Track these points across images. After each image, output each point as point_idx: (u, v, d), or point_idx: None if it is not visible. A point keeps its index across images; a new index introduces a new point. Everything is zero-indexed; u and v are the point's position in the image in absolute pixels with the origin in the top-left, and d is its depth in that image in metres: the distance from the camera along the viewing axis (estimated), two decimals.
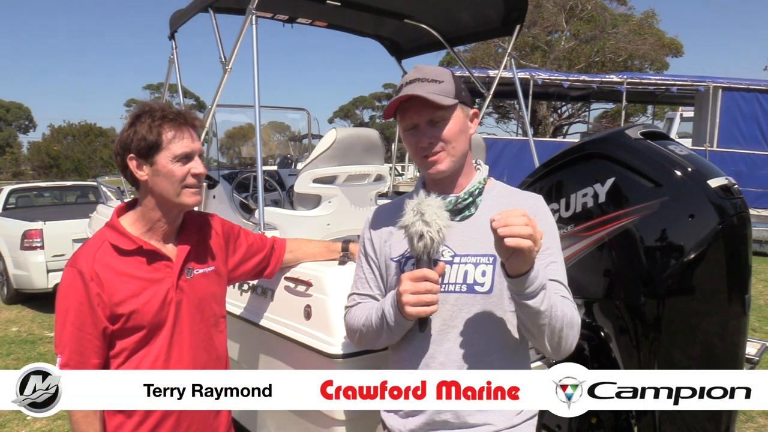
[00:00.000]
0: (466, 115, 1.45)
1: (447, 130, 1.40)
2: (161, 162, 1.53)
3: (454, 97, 1.41)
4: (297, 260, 2.11)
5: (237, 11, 3.37)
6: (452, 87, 1.42)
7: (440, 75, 1.43)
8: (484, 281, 1.38)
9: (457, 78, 1.46)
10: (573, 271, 1.99)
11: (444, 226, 1.31)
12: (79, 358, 1.49)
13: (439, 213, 1.32)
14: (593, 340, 2.05)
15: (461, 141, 1.44)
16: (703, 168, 1.80)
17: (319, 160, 3.19)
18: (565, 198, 1.99)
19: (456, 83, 1.43)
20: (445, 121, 1.41)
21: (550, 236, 1.40)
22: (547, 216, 1.46)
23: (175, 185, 1.54)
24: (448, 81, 1.42)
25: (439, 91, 1.39)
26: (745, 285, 1.76)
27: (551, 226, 1.44)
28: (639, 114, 27.35)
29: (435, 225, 1.30)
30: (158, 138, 1.51)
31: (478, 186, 1.47)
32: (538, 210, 1.44)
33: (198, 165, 1.57)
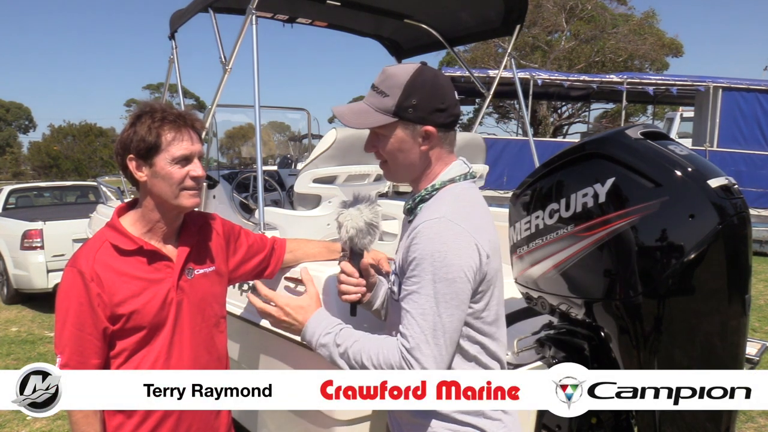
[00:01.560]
0: (410, 133, 1.37)
1: (381, 145, 1.42)
2: (160, 164, 1.52)
3: (393, 115, 1.35)
4: (297, 260, 2.11)
5: (237, 11, 3.37)
6: (393, 103, 1.34)
7: (390, 87, 1.36)
8: (395, 289, 1.41)
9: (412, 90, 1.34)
10: (573, 271, 2.00)
11: (352, 227, 1.47)
12: (79, 359, 1.49)
13: (354, 214, 1.47)
14: (593, 340, 2.05)
15: (399, 159, 1.41)
16: (703, 168, 1.79)
17: (319, 160, 3.20)
18: (565, 198, 1.99)
19: (403, 98, 1.34)
20: (384, 136, 1.41)
21: (422, 262, 1.26)
22: (425, 238, 1.28)
23: (173, 187, 1.54)
24: (393, 95, 1.34)
25: (376, 106, 1.38)
26: (745, 285, 1.76)
27: (425, 253, 1.26)
28: (639, 114, 27.35)
29: (344, 226, 1.48)
30: (157, 140, 1.51)
31: (423, 194, 1.43)
32: (419, 231, 1.30)
33: (197, 168, 1.57)
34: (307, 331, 1.45)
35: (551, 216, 2.03)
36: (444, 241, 1.26)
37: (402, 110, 1.35)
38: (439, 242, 1.26)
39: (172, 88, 4.11)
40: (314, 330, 1.43)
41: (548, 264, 2.05)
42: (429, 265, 1.25)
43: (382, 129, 1.40)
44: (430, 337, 1.24)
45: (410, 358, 1.25)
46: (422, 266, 1.26)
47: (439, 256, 1.25)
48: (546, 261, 2.05)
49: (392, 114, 1.36)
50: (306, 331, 1.45)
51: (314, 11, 3.64)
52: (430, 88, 1.36)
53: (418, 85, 1.35)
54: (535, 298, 2.18)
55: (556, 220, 2.01)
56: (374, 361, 1.29)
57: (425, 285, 1.25)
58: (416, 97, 1.34)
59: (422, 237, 1.28)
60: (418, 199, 1.43)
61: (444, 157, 1.44)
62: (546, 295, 2.16)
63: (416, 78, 1.35)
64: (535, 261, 2.03)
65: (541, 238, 2.04)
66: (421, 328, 1.24)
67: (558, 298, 2.12)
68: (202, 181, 1.61)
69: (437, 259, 1.25)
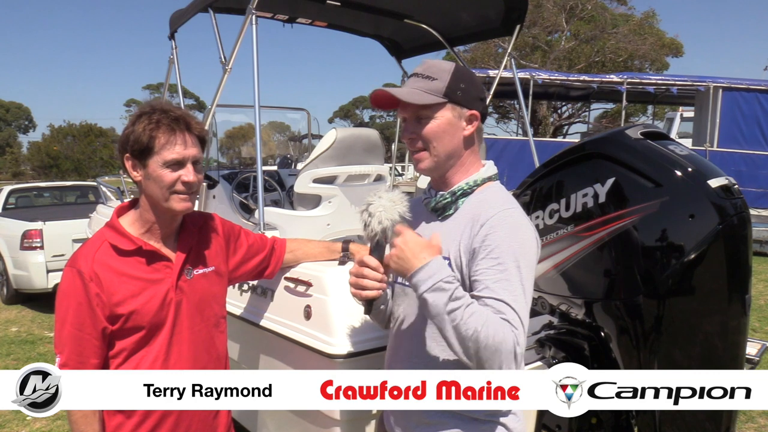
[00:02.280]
0: (457, 116, 1.42)
1: (427, 128, 1.42)
2: (152, 166, 1.52)
3: (443, 96, 1.39)
4: (297, 260, 2.11)
5: (237, 11, 3.37)
6: (443, 85, 1.40)
7: (437, 72, 1.42)
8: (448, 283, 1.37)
9: (459, 76, 1.42)
10: (573, 271, 2.00)
11: (386, 218, 1.39)
12: (78, 358, 1.49)
13: (388, 206, 1.40)
14: (593, 340, 2.05)
15: (444, 141, 1.42)
16: (704, 168, 1.79)
17: (319, 160, 3.19)
18: (565, 198, 1.99)
19: (452, 81, 1.41)
20: (428, 119, 1.41)
21: (506, 250, 1.29)
22: (507, 227, 1.32)
23: (164, 190, 1.52)
24: (442, 79, 1.40)
25: (425, 89, 1.40)
26: (745, 285, 1.76)
27: (511, 239, 1.31)
28: (639, 114, 27.34)
29: (377, 216, 1.40)
30: (150, 142, 1.50)
31: (464, 187, 1.44)
32: (498, 221, 1.33)
33: (189, 173, 1.53)
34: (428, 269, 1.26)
35: (551, 216, 2.03)
36: (524, 231, 1.35)
37: (452, 92, 1.40)
38: (521, 231, 1.34)
39: (172, 88, 4.11)
40: (437, 269, 1.26)
41: (548, 264, 2.05)
42: (513, 252, 1.30)
43: (429, 110, 1.41)
44: (524, 322, 1.28)
45: (519, 344, 1.23)
46: (508, 254, 1.29)
47: (522, 243, 1.32)
48: (546, 261, 2.06)
49: (442, 95, 1.40)
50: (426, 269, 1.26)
51: (314, 11, 3.64)
52: (473, 78, 1.46)
53: (464, 73, 1.44)
54: (535, 298, 2.18)
55: (556, 220, 2.01)
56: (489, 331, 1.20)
57: (511, 270, 1.28)
58: (464, 83, 1.42)
59: (504, 225, 1.32)
60: (459, 193, 1.44)
61: (477, 151, 1.49)
62: (546, 295, 2.17)
63: (461, 67, 1.46)
64: None
65: (542, 238, 2.04)
66: (517, 312, 1.26)
67: (558, 298, 2.12)
68: (195, 186, 1.57)
69: (521, 245, 1.31)
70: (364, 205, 1.45)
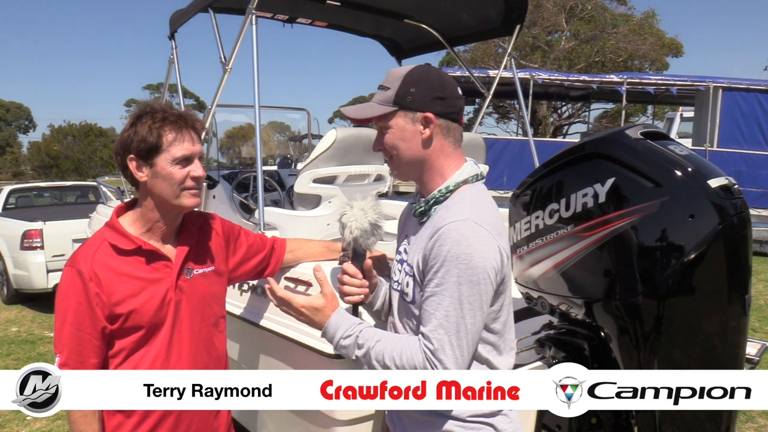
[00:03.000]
0: (410, 121, 1.39)
1: (384, 138, 1.43)
2: (161, 164, 1.52)
3: (393, 104, 1.38)
4: (297, 260, 2.11)
5: (237, 11, 3.37)
6: (393, 94, 1.38)
7: (391, 81, 1.40)
8: (408, 291, 1.41)
9: (410, 80, 1.38)
10: (573, 271, 2.00)
11: (356, 227, 1.47)
12: (78, 358, 1.49)
13: (358, 215, 1.47)
14: (593, 340, 2.05)
15: (402, 148, 1.41)
16: (704, 168, 1.79)
17: (319, 160, 3.20)
18: (565, 198, 1.99)
19: (401, 88, 1.37)
20: (385, 129, 1.42)
21: (445, 266, 1.26)
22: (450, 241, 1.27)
23: (174, 187, 1.54)
24: (393, 87, 1.39)
25: (379, 100, 1.41)
26: (745, 285, 1.76)
27: (450, 255, 1.26)
28: (639, 114, 27.34)
29: (348, 226, 1.48)
30: (158, 140, 1.51)
31: (437, 195, 1.41)
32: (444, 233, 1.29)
33: (197, 168, 1.57)
34: (327, 332, 1.44)
35: (551, 216, 2.03)
36: (470, 243, 1.26)
37: (400, 98, 1.38)
38: (465, 244, 1.26)
39: (172, 88, 4.11)
40: (334, 332, 1.41)
41: (548, 264, 2.05)
42: (454, 267, 1.25)
43: (384, 120, 1.41)
44: (453, 339, 1.25)
45: (434, 360, 1.25)
46: (446, 268, 1.26)
47: (465, 258, 1.25)
48: (546, 261, 2.05)
49: (392, 103, 1.39)
50: (326, 332, 1.44)
51: (314, 11, 3.64)
52: (429, 78, 1.40)
53: (416, 75, 1.39)
54: (535, 298, 2.18)
55: (556, 220, 2.01)
56: (397, 362, 1.29)
57: (449, 287, 1.25)
58: (415, 86, 1.38)
59: (448, 238, 1.27)
60: (432, 201, 1.41)
61: (449, 152, 1.43)
62: (546, 295, 2.16)
63: (415, 70, 1.41)
64: (535, 261, 2.03)
65: (541, 238, 2.04)
66: (445, 330, 1.25)
67: (558, 298, 2.12)
68: (202, 181, 1.61)
69: (462, 261, 1.25)
70: (338, 215, 1.52)
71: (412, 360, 1.28)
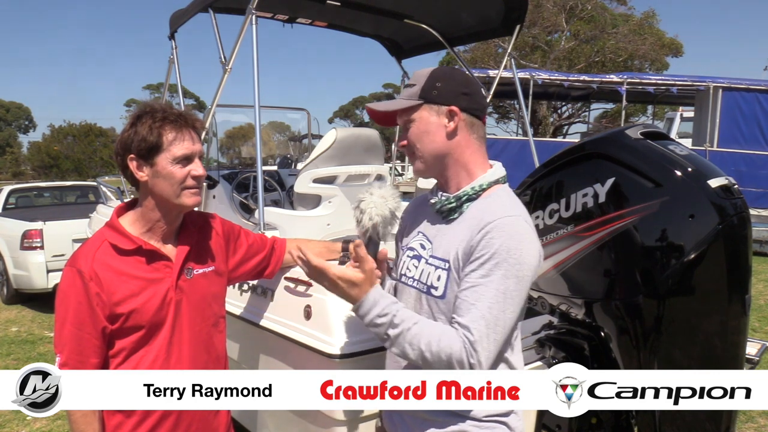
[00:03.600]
0: (435, 114, 1.41)
1: (409, 132, 1.44)
2: (161, 163, 1.52)
3: (419, 98, 1.41)
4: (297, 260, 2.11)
5: (237, 11, 3.37)
6: (419, 88, 1.41)
7: (417, 78, 1.44)
8: (438, 285, 1.39)
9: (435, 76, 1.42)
10: (573, 271, 2.00)
11: (377, 214, 1.44)
12: (78, 358, 1.49)
13: (378, 203, 1.45)
14: (593, 340, 2.05)
15: (426, 141, 1.42)
16: (703, 168, 1.80)
17: (319, 160, 3.19)
18: (565, 198, 1.99)
19: (427, 83, 1.41)
20: (411, 122, 1.43)
21: (497, 256, 1.27)
22: (504, 235, 1.28)
23: (175, 187, 1.54)
24: (419, 83, 1.42)
25: (405, 96, 1.43)
26: (745, 285, 1.76)
27: (504, 246, 1.27)
28: (639, 114, 27.34)
29: (368, 213, 1.44)
30: (159, 139, 1.51)
31: (469, 192, 1.41)
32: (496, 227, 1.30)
33: (198, 167, 1.57)
34: (362, 307, 1.36)
35: (551, 216, 2.03)
36: (521, 240, 1.29)
37: (426, 92, 1.41)
38: (517, 240, 1.28)
39: (172, 88, 4.11)
40: (370, 307, 1.34)
41: (548, 264, 2.05)
42: (504, 261, 1.26)
43: (408, 114, 1.43)
44: (491, 332, 1.25)
45: (472, 351, 1.24)
46: (495, 261, 1.27)
47: (516, 254, 1.27)
48: (546, 261, 2.05)
49: (417, 97, 1.41)
50: (361, 306, 1.36)
51: (314, 11, 3.64)
52: (455, 75, 1.45)
53: (442, 72, 1.44)
54: (535, 298, 2.18)
55: (556, 220, 2.01)
56: (433, 347, 1.26)
57: (496, 279, 1.26)
58: (440, 81, 1.41)
59: (501, 232, 1.28)
60: (464, 197, 1.41)
61: (475, 148, 1.44)
62: (546, 295, 2.16)
63: (441, 68, 1.47)
64: None
65: (541, 238, 2.03)
66: (486, 321, 1.25)
67: (558, 298, 2.12)
68: (202, 180, 1.61)
69: (513, 255, 1.27)
70: (356, 201, 1.49)
71: (449, 348, 1.25)
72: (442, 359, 1.25)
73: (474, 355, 1.24)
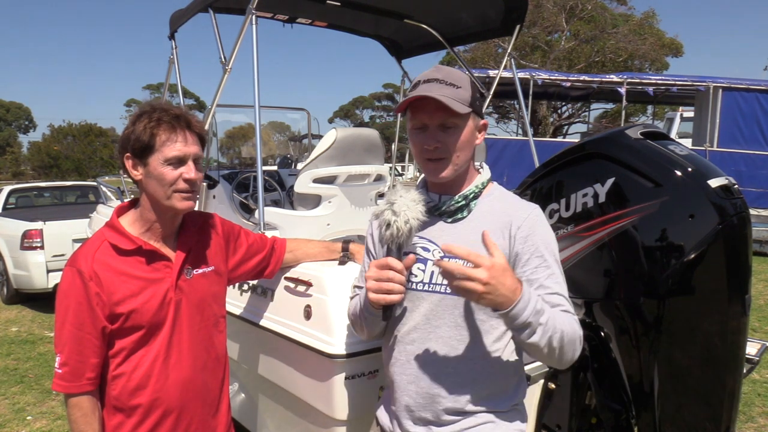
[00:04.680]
0: (475, 125, 1.43)
1: (456, 138, 1.38)
2: (153, 164, 1.52)
3: (469, 106, 1.38)
4: (297, 260, 2.11)
5: (237, 11, 3.37)
6: (469, 95, 1.39)
7: (460, 80, 1.39)
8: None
9: (474, 85, 1.44)
10: (573, 271, 2.00)
11: (413, 217, 1.39)
12: (78, 358, 1.49)
13: (411, 205, 1.41)
14: (593, 340, 2.05)
15: (467, 151, 1.42)
16: (703, 168, 1.80)
17: (319, 160, 3.19)
18: (565, 198, 1.99)
19: (473, 91, 1.41)
20: (456, 128, 1.38)
21: (546, 247, 1.39)
22: (542, 226, 1.42)
23: (165, 188, 1.53)
24: (465, 88, 1.39)
25: (455, 97, 1.35)
26: (745, 285, 1.76)
27: (546, 237, 1.41)
28: (639, 114, 27.34)
29: (403, 216, 1.38)
30: (151, 140, 1.50)
31: (474, 190, 1.45)
32: (534, 221, 1.40)
33: (190, 170, 1.54)
34: (522, 301, 1.20)
35: (551, 216, 2.04)
36: (550, 228, 1.46)
37: (474, 102, 1.41)
38: (549, 228, 1.46)
39: (172, 88, 4.11)
40: (528, 300, 1.22)
41: None
42: (551, 248, 1.41)
43: (459, 119, 1.38)
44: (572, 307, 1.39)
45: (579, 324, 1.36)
46: (548, 248, 1.40)
47: (554, 240, 1.44)
48: None
49: (469, 104, 1.39)
50: (521, 301, 1.20)
51: (314, 11, 3.64)
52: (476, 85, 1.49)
53: (474, 81, 1.51)
54: None
55: (556, 220, 2.02)
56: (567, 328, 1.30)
57: (554, 265, 1.39)
58: (478, 92, 1.44)
59: (539, 222, 1.42)
60: (471, 196, 1.46)
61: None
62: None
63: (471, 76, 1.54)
64: None
65: None
66: (569, 301, 1.38)
67: None
68: (196, 183, 1.57)
69: (553, 241, 1.43)
70: (386, 204, 1.43)
71: (573, 326, 1.33)
72: (575, 339, 1.32)
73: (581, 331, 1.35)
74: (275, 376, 2.24)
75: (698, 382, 1.81)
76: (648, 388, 1.85)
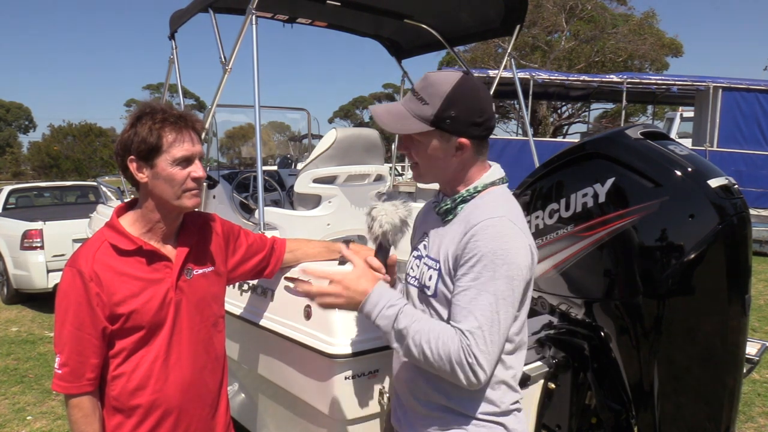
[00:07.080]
0: (445, 142, 1.38)
1: (417, 152, 1.43)
2: (161, 165, 1.52)
3: (430, 124, 1.35)
4: (297, 260, 2.11)
5: (237, 11, 3.37)
6: (432, 113, 1.34)
7: (432, 95, 1.35)
8: (430, 285, 1.41)
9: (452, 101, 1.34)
10: (573, 271, 2.00)
11: (387, 222, 1.46)
12: (78, 358, 1.49)
13: (389, 210, 1.47)
14: (593, 340, 2.05)
15: (431, 165, 1.42)
16: (703, 168, 1.80)
17: (319, 160, 3.20)
18: (565, 198, 1.99)
19: (442, 109, 1.34)
20: (417, 143, 1.41)
21: (483, 260, 1.27)
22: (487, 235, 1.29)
23: (175, 188, 1.53)
24: (433, 105, 1.34)
25: (415, 112, 1.36)
26: (745, 285, 1.76)
27: (490, 246, 1.28)
28: (639, 114, 27.34)
29: (378, 220, 1.47)
30: (158, 141, 1.50)
31: (464, 195, 1.43)
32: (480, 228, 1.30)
33: (198, 168, 1.57)
34: (369, 301, 1.34)
35: (551, 216, 2.04)
36: (506, 240, 1.29)
37: (440, 121, 1.35)
38: (501, 241, 1.28)
39: (172, 88, 4.11)
40: (377, 300, 1.33)
41: (548, 264, 2.05)
42: (490, 263, 1.26)
43: (418, 135, 1.39)
44: (487, 334, 1.25)
45: (470, 353, 1.24)
46: (483, 263, 1.27)
47: (502, 254, 1.27)
48: (546, 261, 2.06)
49: (430, 123, 1.35)
50: (368, 301, 1.34)
51: (314, 11, 3.64)
52: (470, 101, 1.36)
53: (458, 97, 1.35)
54: (534, 298, 2.18)
55: (556, 220, 2.02)
56: (432, 346, 1.26)
57: (485, 282, 1.26)
58: (455, 110, 1.34)
59: (484, 235, 1.29)
60: (459, 199, 1.42)
61: (478, 165, 1.45)
62: (546, 294, 2.17)
63: (457, 89, 1.35)
64: None
65: (541, 238, 2.04)
66: (479, 324, 1.25)
67: (558, 298, 2.12)
68: (202, 181, 1.60)
69: (499, 257, 1.27)
70: (368, 208, 1.50)
71: (447, 348, 1.25)
72: (442, 358, 1.25)
73: (471, 357, 1.23)
74: (275, 376, 2.24)
75: (698, 382, 1.81)
76: (648, 388, 1.85)
